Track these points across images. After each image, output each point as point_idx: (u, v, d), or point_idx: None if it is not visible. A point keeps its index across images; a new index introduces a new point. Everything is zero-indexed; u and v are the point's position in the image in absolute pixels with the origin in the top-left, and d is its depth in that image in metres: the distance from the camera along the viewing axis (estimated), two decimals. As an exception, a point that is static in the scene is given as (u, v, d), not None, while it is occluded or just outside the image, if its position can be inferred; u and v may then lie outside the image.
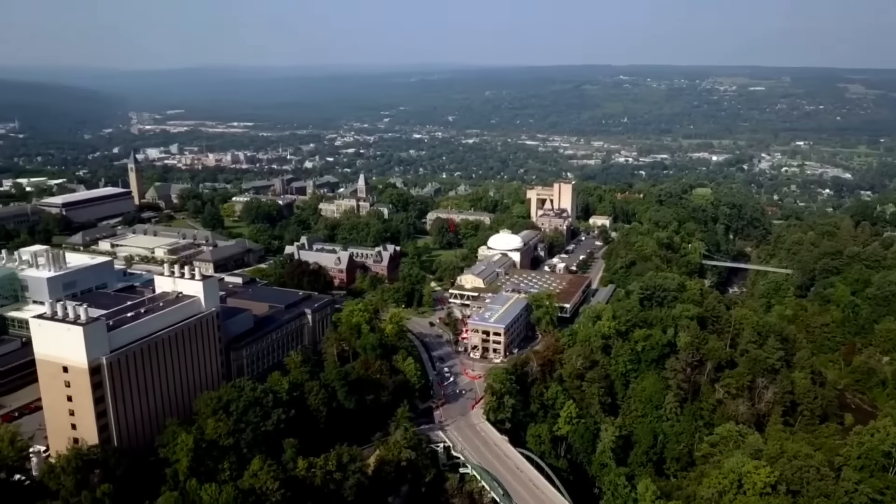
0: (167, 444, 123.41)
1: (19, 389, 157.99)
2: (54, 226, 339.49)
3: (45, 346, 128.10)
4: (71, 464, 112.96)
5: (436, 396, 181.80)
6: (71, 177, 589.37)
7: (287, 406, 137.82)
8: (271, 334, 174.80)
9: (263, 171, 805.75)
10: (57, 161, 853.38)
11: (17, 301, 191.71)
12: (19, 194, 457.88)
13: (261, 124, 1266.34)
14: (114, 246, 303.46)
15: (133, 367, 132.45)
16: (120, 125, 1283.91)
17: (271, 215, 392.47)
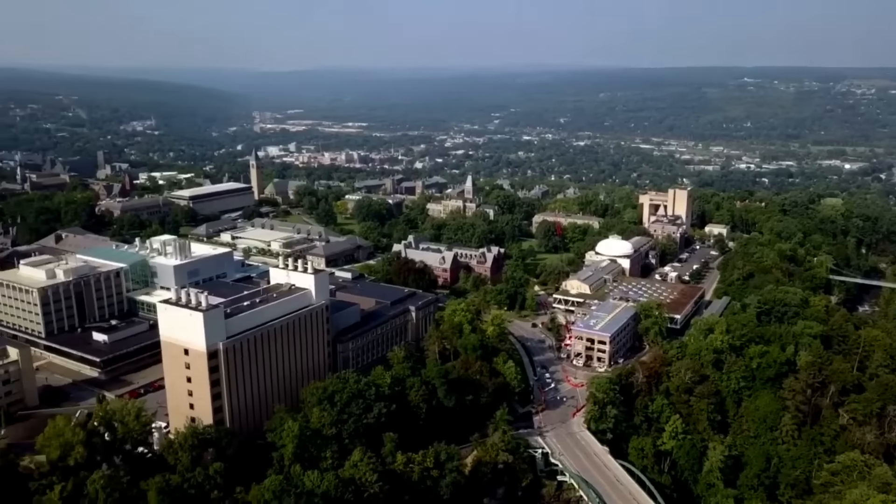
0: (274, 430, 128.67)
1: (146, 368, 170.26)
2: (182, 217, 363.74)
3: (169, 330, 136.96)
4: (188, 441, 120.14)
5: (536, 401, 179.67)
6: (198, 172, 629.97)
7: (388, 400, 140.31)
8: (376, 329, 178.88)
9: (375, 170, 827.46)
10: (187, 157, 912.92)
11: (147, 286, 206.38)
12: (153, 187, 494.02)
13: (374, 125, 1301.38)
14: (234, 238, 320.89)
15: (247, 354, 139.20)
16: (244, 124, 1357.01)
17: (381, 214, 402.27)
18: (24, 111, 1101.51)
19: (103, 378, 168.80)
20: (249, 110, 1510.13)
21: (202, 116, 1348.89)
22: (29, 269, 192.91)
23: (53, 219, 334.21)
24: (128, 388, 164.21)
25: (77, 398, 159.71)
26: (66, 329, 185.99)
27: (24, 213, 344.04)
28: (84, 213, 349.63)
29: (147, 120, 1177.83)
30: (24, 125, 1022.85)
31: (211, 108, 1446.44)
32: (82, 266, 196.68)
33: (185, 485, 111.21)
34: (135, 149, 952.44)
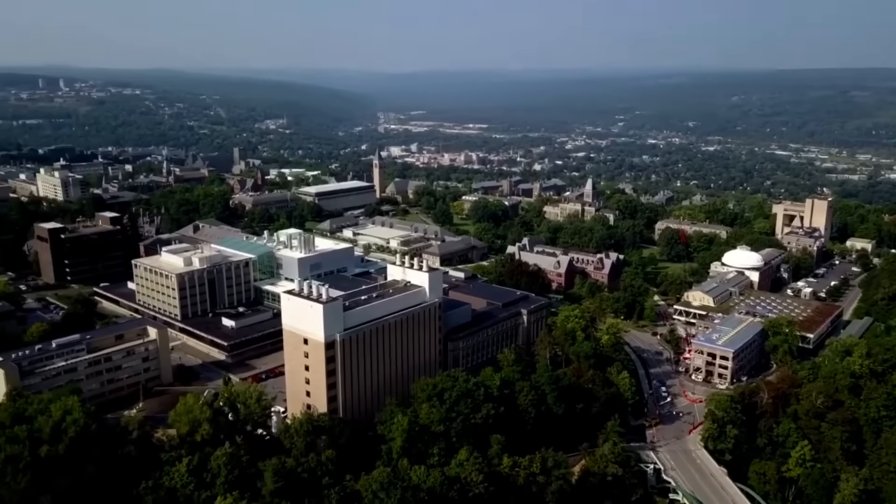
0: (385, 422, 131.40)
1: (268, 354, 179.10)
2: (308, 212, 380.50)
3: (291, 319, 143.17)
4: (303, 427, 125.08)
5: (650, 415, 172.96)
6: (325, 170, 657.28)
7: (497, 402, 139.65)
8: (487, 330, 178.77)
9: (493, 171, 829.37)
10: (314, 155, 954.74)
11: (273, 276, 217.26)
12: (282, 183, 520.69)
13: (495, 126, 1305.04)
14: (355, 234, 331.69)
15: (362, 346, 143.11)
16: (369, 124, 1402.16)
17: (497, 215, 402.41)
18: (172, 109, 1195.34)
19: (229, 361, 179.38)
20: (374, 111, 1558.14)
21: (330, 116, 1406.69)
22: (169, 256, 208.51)
23: (193, 210, 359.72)
24: (251, 372, 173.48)
25: (206, 378, 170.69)
26: (199, 313, 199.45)
27: (167, 204, 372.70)
28: (219, 205, 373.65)
29: (280, 119, 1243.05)
30: (172, 122, 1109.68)
31: (338, 109, 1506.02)
32: (216, 255, 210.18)
33: (299, 469, 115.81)
34: (267, 146, 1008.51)
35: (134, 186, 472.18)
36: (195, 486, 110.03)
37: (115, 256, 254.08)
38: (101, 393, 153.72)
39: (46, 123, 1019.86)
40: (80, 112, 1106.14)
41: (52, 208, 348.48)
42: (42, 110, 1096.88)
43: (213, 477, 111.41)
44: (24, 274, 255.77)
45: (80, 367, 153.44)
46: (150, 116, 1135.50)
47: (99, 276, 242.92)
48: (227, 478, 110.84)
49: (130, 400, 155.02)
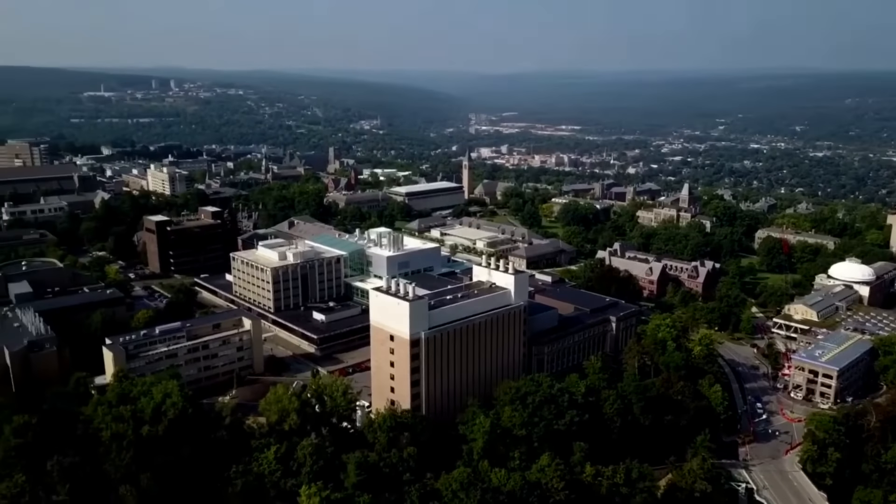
0: (466, 423, 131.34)
1: (355, 349, 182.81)
2: (398, 212, 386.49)
3: (378, 315, 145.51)
4: (386, 422, 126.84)
5: (743, 432, 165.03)
6: (415, 170, 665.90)
7: (581, 409, 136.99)
8: (573, 335, 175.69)
9: (585, 174, 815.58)
10: (406, 155, 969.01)
11: (363, 273, 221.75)
12: (374, 182, 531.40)
13: (588, 128, 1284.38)
14: (443, 234, 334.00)
15: (446, 345, 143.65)
16: (460, 125, 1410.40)
17: (587, 218, 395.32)
18: (272, 109, 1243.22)
19: (318, 354, 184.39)
20: (466, 112, 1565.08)
21: (422, 117, 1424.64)
22: (265, 251, 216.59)
23: (288, 206, 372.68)
24: (338, 365, 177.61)
25: (295, 370, 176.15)
26: (291, 307, 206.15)
27: (265, 200, 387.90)
28: (314, 202, 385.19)
29: (374, 119, 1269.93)
30: (271, 122, 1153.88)
31: (431, 110, 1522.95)
32: (309, 251, 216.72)
33: (381, 463, 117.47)
34: (361, 146, 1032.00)
35: (234, 183, 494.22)
36: (282, 473, 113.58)
37: (214, 249, 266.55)
38: (198, 379, 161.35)
39: (157, 122, 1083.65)
40: (188, 111, 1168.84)
41: (160, 202, 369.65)
42: (154, 109, 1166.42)
43: (299, 466, 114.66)
44: (134, 263, 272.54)
45: (180, 353, 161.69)
46: (252, 116, 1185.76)
47: (200, 268, 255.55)
48: (312, 468, 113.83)
49: (224, 387, 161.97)
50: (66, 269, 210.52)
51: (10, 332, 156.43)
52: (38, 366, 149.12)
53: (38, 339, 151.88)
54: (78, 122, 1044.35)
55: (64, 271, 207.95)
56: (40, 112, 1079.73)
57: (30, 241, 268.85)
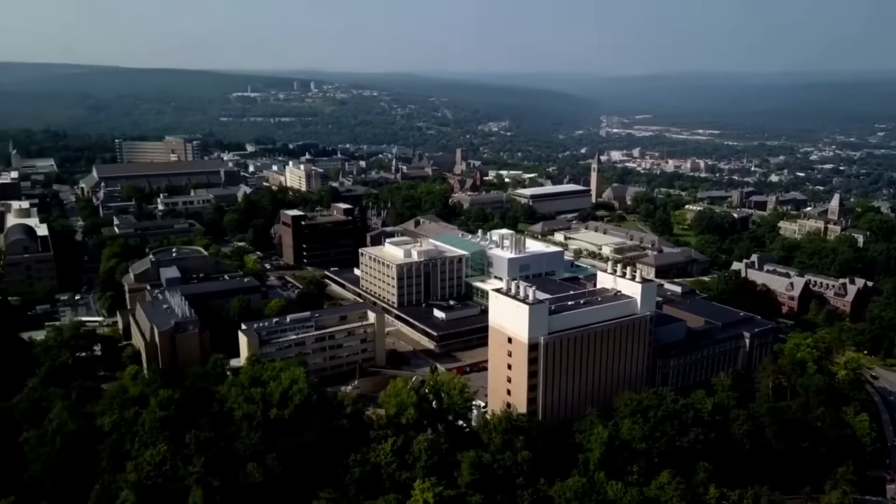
0: (583, 432, 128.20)
1: (473, 349, 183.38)
2: (521, 214, 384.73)
3: (497, 317, 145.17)
4: (502, 424, 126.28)
5: (892, 468, 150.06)
6: (541, 172, 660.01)
7: (707, 427, 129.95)
8: (702, 350, 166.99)
9: (723, 181, 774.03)
10: (533, 157, 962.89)
11: (483, 274, 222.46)
12: (499, 184, 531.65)
13: (727, 133, 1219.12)
14: (566, 238, 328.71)
15: (565, 352, 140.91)
16: (590, 128, 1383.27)
17: (723, 227, 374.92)
18: (404, 110, 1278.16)
19: (437, 351, 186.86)
20: (597, 114, 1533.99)
21: (551, 119, 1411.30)
22: (391, 248, 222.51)
23: (415, 206, 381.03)
24: (456, 363, 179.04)
25: (415, 365, 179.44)
26: (414, 303, 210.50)
27: (393, 199, 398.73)
28: (440, 202, 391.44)
29: (502, 121, 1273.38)
30: (403, 123, 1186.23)
31: (560, 112, 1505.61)
32: (432, 250, 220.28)
33: (495, 465, 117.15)
34: (488, 147, 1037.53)
35: (366, 181, 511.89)
36: (397, 466, 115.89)
37: (345, 244, 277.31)
38: (323, 367, 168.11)
39: (297, 121, 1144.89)
40: (326, 112, 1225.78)
41: (297, 197, 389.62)
42: (295, 109, 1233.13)
43: (415, 460, 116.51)
44: (270, 254, 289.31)
45: (308, 342, 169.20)
46: (384, 117, 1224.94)
47: (330, 261, 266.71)
48: (426, 463, 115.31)
49: (347, 377, 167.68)
50: (210, 257, 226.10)
51: (159, 312, 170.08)
52: (182, 345, 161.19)
53: (183, 321, 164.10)
54: (226, 120, 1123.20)
55: (208, 259, 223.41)
56: (194, 111, 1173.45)
57: (180, 230, 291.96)
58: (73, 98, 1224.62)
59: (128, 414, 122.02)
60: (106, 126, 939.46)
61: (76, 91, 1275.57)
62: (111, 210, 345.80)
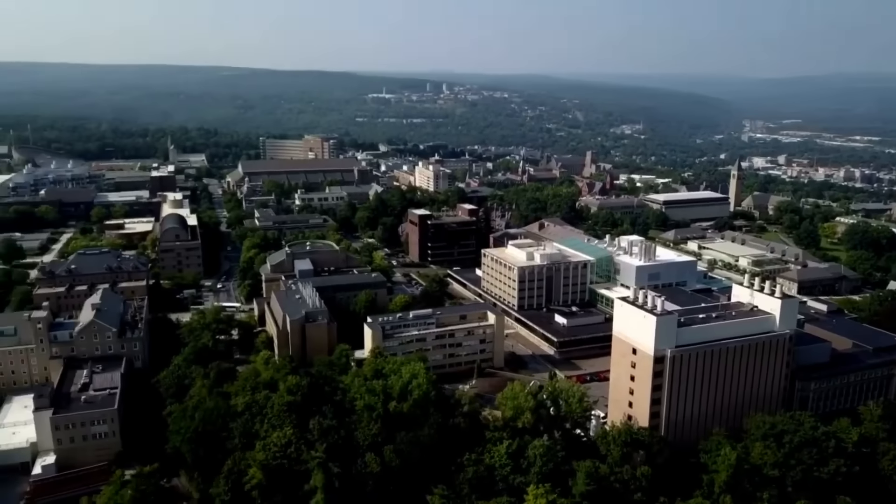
0: (709, 452, 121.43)
1: (594, 357, 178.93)
2: (653, 220, 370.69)
3: (622, 326, 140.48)
4: (621, 437, 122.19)
5: None
6: (676, 177, 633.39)
7: (850, 459, 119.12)
8: (848, 375, 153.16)
9: (881, 192, 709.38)
10: (667, 162, 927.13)
11: (609, 281, 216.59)
12: (630, 188, 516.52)
13: (889, 139, 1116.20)
14: (700, 248, 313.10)
15: (693, 367, 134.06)
16: (731, 132, 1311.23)
17: (879, 243, 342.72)
18: (534, 112, 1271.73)
19: (557, 357, 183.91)
20: (739, 118, 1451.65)
21: (689, 123, 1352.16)
22: (514, 250, 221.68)
23: (541, 208, 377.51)
24: (576, 371, 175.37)
25: (533, 369, 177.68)
26: (535, 307, 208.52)
27: (518, 200, 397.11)
28: (566, 206, 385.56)
29: (636, 124, 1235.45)
30: (532, 124, 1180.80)
31: (699, 115, 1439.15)
32: (556, 254, 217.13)
33: (612, 477, 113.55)
34: (620, 151, 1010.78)
35: (492, 182, 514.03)
36: (511, 469, 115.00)
37: (468, 244, 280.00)
38: (442, 365, 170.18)
39: (428, 122, 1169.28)
40: (456, 113, 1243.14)
41: (424, 197, 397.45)
42: (426, 111, 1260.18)
43: (529, 465, 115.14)
44: (397, 252, 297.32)
45: (429, 338, 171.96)
46: (514, 118, 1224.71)
47: (453, 261, 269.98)
48: (541, 469, 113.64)
49: (465, 376, 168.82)
50: (340, 252, 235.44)
51: (292, 302, 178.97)
52: (311, 335, 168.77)
53: (313, 312, 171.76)
54: (361, 120, 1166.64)
55: (339, 254, 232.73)
56: (332, 111, 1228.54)
57: (315, 225, 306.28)
58: (225, 98, 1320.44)
59: (259, 396, 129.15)
60: (252, 125, 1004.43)
61: (228, 92, 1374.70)
62: (253, 203, 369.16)
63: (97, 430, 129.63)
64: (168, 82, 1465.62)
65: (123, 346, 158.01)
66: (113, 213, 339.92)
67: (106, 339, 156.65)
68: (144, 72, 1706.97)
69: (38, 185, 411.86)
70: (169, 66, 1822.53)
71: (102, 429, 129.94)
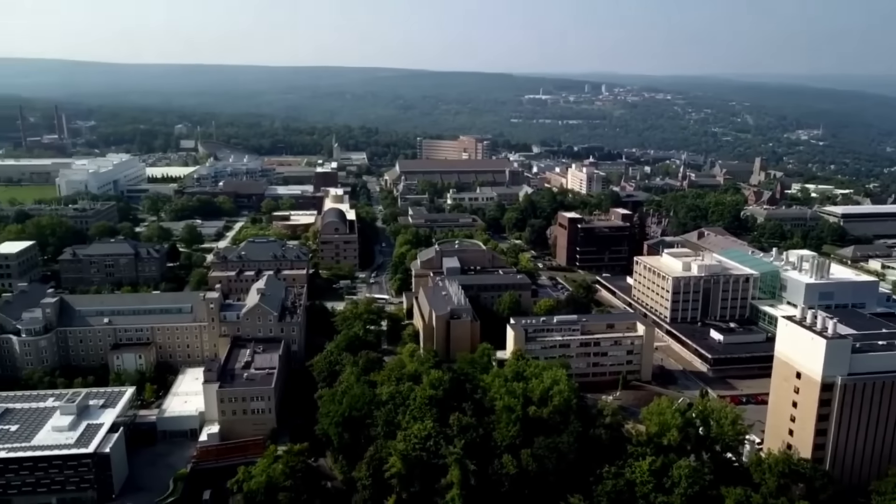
0: (883, 494, 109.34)
1: (752, 378, 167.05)
2: (828, 234, 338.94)
3: (786, 347, 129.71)
4: (779, 466, 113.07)
5: None
6: (858, 188, 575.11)
7: None
8: None
9: None
10: (849, 171, 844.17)
11: (773, 298, 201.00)
12: (803, 199, 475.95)
13: None
14: (884, 267, 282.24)
15: (869, 398, 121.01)
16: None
17: None
18: (698, 115, 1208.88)
19: (710, 375, 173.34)
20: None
21: (877, 129, 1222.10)
22: (669, 259, 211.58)
23: (700, 216, 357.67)
24: (731, 392, 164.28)
25: (683, 385, 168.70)
26: (688, 320, 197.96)
27: (677, 207, 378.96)
28: (729, 215, 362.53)
29: (814, 129, 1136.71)
30: (696, 128, 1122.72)
31: (891, 120, 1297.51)
32: (715, 265, 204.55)
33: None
34: (794, 158, 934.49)
35: (648, 187, 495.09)
36: (653, 487, 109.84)
37: (619, 250, 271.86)
38: (585, 373, 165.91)
39: (584, 124, 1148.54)
40: (614, 115, 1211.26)
41: (575, 200, 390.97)
42: (583, 112, 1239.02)
43: (673, 485, 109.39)
44: (544, 254, 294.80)
45: (573, 345, 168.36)
46: (676, 121, 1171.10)
47: (602, 266, 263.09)
48: (686, 490, 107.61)
49: (608, 387, 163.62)
50: (487, 252, 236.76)
51: (439, 298, 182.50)
52: (455, 331, 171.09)
53: (458, 309, 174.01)
54: (516, 121, 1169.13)
55: (486, 253, 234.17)
56: (488, 112, 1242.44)
57: (464, 224, 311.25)
58: (387, 98, 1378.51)
59: (403, 388, 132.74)
60: (410, 124, 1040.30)
61: (390, 92, 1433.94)
62: (407, 201, 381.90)
63: (256, 406, 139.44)
64: (334, 83, 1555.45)
65: (283, 329, 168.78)
66: (280, 206, 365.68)
67: (268, 322, 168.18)
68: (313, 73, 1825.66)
69: (217, 177, 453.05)
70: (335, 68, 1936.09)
71: (260, 405, 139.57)
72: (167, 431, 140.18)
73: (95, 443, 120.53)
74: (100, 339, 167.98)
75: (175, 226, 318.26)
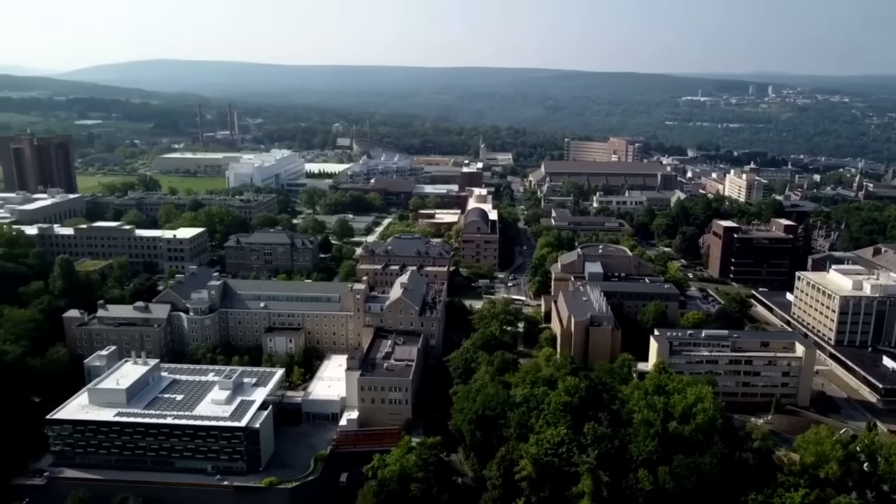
0: None
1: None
2: None
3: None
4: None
5: None
6: None
7: None
8: None
9: None
10: None
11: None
12: None
13: None
14: None
15: None
16: None
17: None
18: (881, 120, 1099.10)
19: (880, 406, 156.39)
20: None
21: None
22: (837, 276, 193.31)
23: (878, 231, 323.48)
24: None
25: (846, 415, 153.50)
26: (857, 344, 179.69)
27: (849, 220, 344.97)
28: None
29: None
30: (877, 134, 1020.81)
31: None
32: (893, 286, 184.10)
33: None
34: None
35: (817, 197, 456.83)
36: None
37: (780, 264, 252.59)
38: (733, 392, 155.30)
39: (746, 128, 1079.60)
40: (781, 118, 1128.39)
41: (732, 208, 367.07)
42: (746, 115, 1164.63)
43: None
44: (695, 264, 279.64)
45: (722, 361, 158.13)
46: (854, 126, 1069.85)
47: (759, 280, 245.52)
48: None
49: (759, 409, 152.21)
50: (633, 258, 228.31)
51: (578, 303, 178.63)
52: (595, 339, 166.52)
53: (599, 316, 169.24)
54: (671, 124, 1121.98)
55: (631, 260, 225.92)
56: (640, 114, 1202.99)
57: (609, 228, 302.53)
58: (536, 99, 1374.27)
59: (537, 391, 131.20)
60: (559, 125, 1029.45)
61: (539, 93, 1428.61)
62: (551, 203, 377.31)
63: (393, 396, 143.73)
64: (483, 83, 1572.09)
65: (422, 323, 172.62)
66: (426, 204, 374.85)
67: (409, 315, 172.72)
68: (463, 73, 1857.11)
69: (369, 174, 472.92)
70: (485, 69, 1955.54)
71: (397, 395, 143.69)
72: (311, 413, 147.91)
73: (247, 418, 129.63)
74: (256, 321, 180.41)
75: (329, 219, 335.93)
